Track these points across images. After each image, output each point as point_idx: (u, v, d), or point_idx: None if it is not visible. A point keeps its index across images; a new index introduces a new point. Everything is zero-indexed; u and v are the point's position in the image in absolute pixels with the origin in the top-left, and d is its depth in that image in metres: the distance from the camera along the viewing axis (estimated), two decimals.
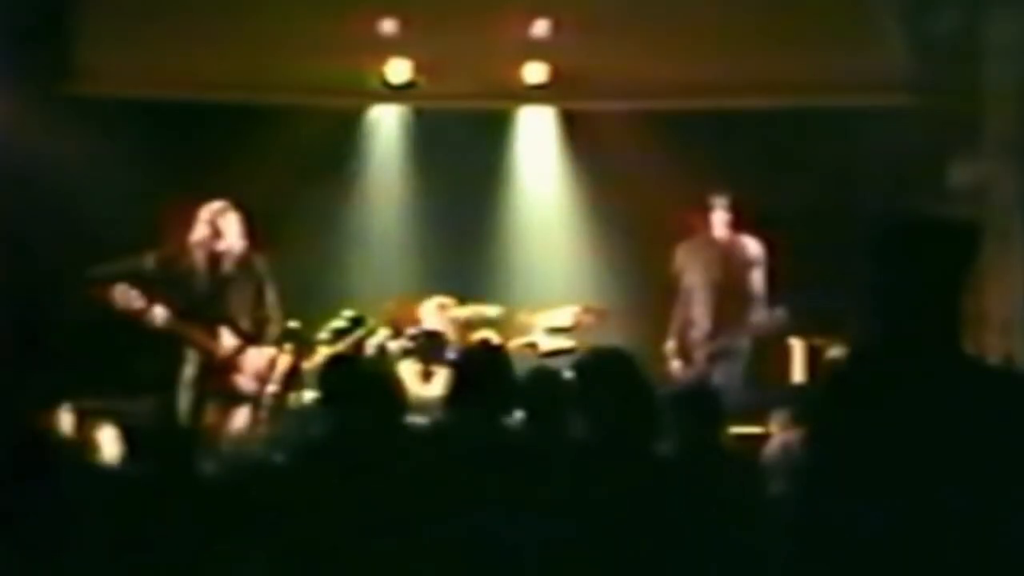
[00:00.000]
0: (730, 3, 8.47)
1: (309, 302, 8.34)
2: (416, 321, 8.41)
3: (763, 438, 6.29)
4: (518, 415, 4.47)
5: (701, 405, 4.58)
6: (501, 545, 3.71)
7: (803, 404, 6.81)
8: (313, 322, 8.11)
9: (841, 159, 8.54)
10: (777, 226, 7.97)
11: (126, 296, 6.79)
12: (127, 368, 7.45)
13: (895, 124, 8.21)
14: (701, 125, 8.85)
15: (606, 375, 3.96)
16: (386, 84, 9.28)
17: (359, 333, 8.14)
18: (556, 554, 3.66)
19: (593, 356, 4.23)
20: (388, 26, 8.76)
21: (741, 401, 6.82)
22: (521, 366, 4.60)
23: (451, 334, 8.47)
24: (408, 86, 9.28)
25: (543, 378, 4.55)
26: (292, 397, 7.65)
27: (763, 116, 8.85)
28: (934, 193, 7.93)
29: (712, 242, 7.89)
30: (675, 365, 7.86)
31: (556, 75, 9.21)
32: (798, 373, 8.03)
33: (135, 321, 6.83)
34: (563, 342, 8.25)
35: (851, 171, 8.53)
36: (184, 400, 6.82)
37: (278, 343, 7.34)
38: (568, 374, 4.45)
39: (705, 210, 7.89)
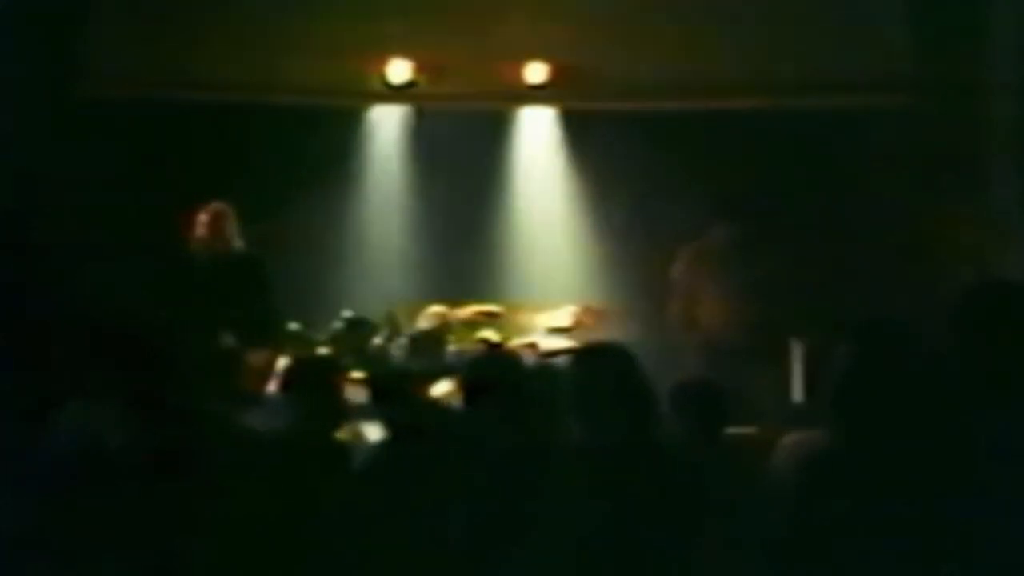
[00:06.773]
0: (730, 3, 8.48)
1: (309, 303, 8.33)
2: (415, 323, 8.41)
3: (769, 439, 6.27)
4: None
5: (708, 404, 4.58)
6: (504, 544, 3.71)
7: (808, 406, 6.81)
8: (313, 323, 8.11)
9: (841, 159, 8.53)
10: (776, 225, 7.98)
11: None
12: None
13: (895, 124, 8.21)
14: (702, 125, 8.84)
15: (605, 372, 3.92)
16: (386, 84, 9.28)
17: (359, 334, 8.13)
18: (557, 554, 3.66)
19: (591, 352, 4.17)
20: (388, 26, 8.77)
21: (747, 401, 6.81)
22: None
23: (450, 335, 8.47)
24: (408, 86, 9.27)
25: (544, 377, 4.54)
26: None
27: (763, 116, 8.84)
28: (934, 193, 7.94)
29: (714, 243, 7.93)
30: (680, 363, 7.85)
31: (556, 75, 9.21)
32: (800, 375, 8.02)
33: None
34: (563, 342, 8.25)
35: (851, 171, 8.52)
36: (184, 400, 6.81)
37: (278, 344, 7.33)
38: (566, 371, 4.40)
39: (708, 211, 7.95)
